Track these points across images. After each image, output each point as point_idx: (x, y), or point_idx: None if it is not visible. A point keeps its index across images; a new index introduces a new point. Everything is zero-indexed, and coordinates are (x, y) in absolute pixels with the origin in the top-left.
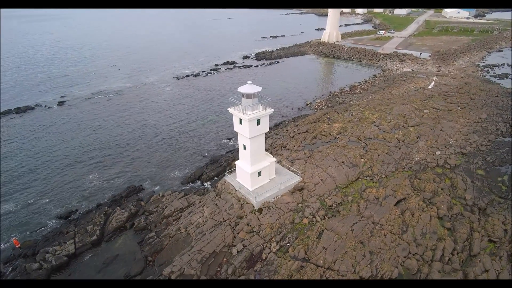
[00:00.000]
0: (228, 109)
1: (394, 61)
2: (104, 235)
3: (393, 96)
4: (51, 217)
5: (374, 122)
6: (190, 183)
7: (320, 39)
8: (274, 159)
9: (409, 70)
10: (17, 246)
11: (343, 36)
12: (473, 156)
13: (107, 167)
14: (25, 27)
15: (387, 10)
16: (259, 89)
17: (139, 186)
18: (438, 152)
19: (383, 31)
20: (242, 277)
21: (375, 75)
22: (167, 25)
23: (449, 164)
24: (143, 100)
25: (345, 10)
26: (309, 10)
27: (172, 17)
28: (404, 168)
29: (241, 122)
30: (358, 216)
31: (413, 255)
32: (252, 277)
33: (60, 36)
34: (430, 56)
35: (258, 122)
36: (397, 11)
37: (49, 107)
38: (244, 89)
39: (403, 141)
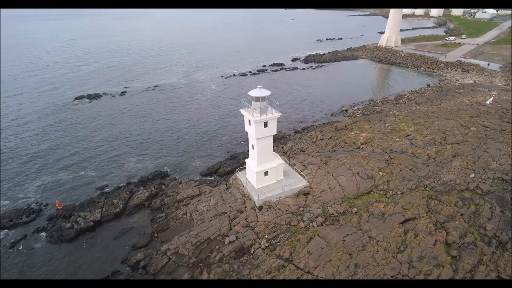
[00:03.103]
0: (240, 110)
1: (456, 70)
2: (126, 209)
3: (439, 109)
4: (91, 188)
5: (408, 135)
6: (208, 175)
7: (378, 43)
8: (282, 162)
9: (471, 81)
10: (59, 208)
11: (405, 41)
12: None
13: (145, 151)
14: (114, 24)
15: (467, 14)
16: (268, 93)
17: (165, 172)
18: (472, 175)
19: (453, 37)
20: (227, 265)
21: (429, 85)
22: (230, 25)
23: (481, 189)
24: (190, 96)
25: (417, 12)
26: (377, 11)
27: (237, 17)
28: (426, 187)
29: (250, 123)
30: (355, 228)
31: (402, 276)
32: (235, 267)
33: (142, 33)
34: (500, 67)
35: (265, 125)
36: (479, 14)
37: (113, 96)
38: (253, 92)
39: (434, 159)
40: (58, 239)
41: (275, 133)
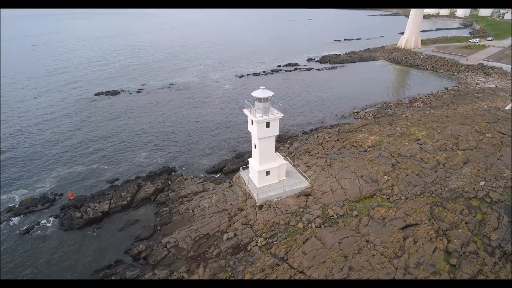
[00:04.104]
0: (243, 110)
1: (477, 74)
2: (133, 202)
3: (454, 114)
4: (102, 180)
5: (418, 139)
6: (213, 172)
7: (397, 44)
8: (284, 162)
9: (492, 86)
10: (71, 198)
11: (426, 42)
12: None
13: (156, 147)
14: (139, 24)
15: (495, 14)
16: (270, 94)
17: (172, 167)
18: (482, 183)
19: (477, 39)
20: (223, 261)
21: (447, 88)
22: (250, 25)
23: (490, 197)
24: (203, 95)
25: (442, 12)
26: (400, 11)
27: (256, 17)
28: (432, 193)
29: (252, 123)
30: (354, 231)
31: None
32: (231, 263)
33: (164, 32)
34: None
35: (267, 125)
36: (508, 15)
37: (130, 93)
38: (256, 93)
39: (443, 165)
40: (68, 227)
41: (277, 133)
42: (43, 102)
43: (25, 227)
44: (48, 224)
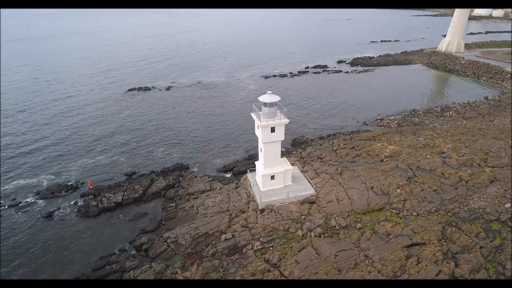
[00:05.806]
0: (251, 113)
1: None
2: (144, 196)
3: (488, 127)
4: (121, 172)
5: (443, 152)
6: (223, 172)
7: (437, 47)
8: (290, 167)
9: None
10: (90, 187)
11: (471, 46)
12: None
13: (174, 144)
14: (182, 22)
15: None
16: (276, 99)
17: (186, 164)
18: (508, 205)
19: None
20: (217, 261)
21: (487, 98)
22: (288, 25)
23: None
24: (228, 94)
25: (495, 13)
26: (448, 11)
27: (296, 16)
28: (448, 212)
29: (258, 127)
30: (353, 244)
31: None
32: (225, 264)
33: (207, 31)
34: None
35: (273, 130)
36: None
37: (159, 90)
38: (262, 98)
39: (466, 182)
40: (84, 214)
41: (283, 139)
42: (93, 98)
43: (47, 211)
44: (67, 211)
